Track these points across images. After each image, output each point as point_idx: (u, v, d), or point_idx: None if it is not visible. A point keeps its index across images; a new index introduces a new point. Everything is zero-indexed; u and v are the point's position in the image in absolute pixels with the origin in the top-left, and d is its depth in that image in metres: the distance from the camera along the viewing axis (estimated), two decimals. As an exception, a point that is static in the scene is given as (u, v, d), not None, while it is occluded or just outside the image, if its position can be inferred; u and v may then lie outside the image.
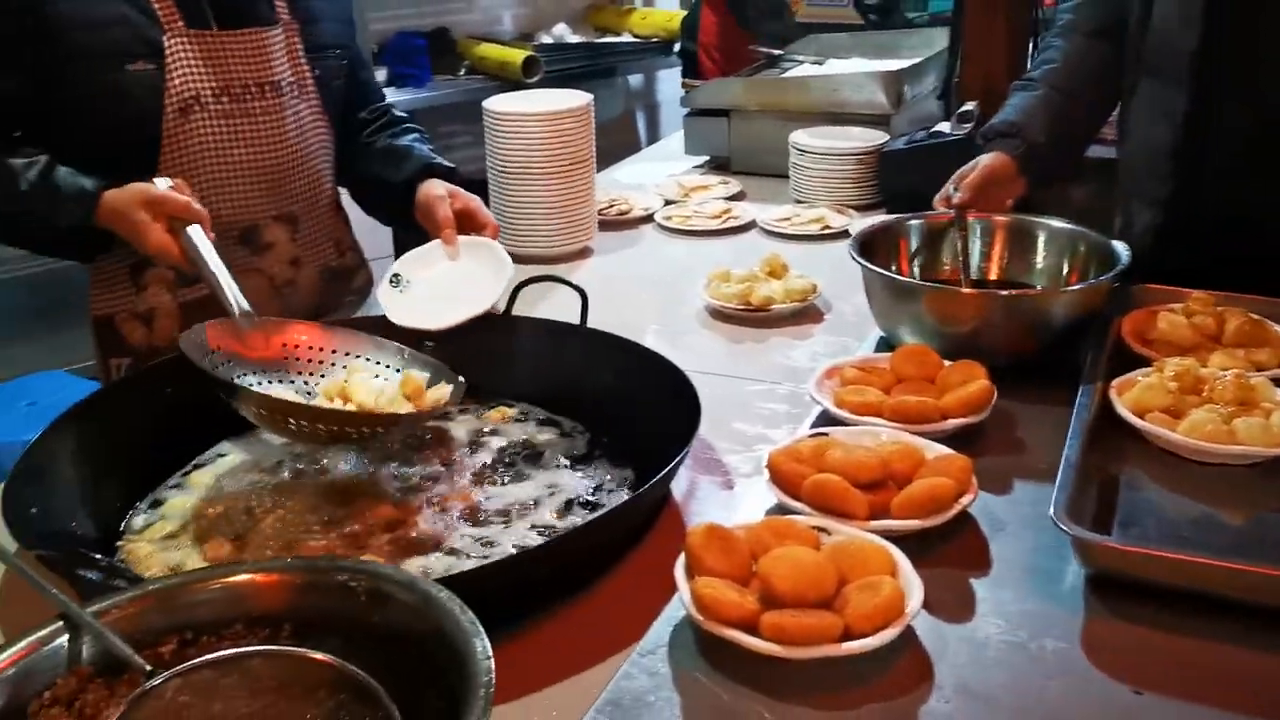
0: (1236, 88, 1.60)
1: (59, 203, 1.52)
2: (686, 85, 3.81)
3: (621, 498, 1.27)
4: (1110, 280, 1.54)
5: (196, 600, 0.89)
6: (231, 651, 0.85)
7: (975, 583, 1.11)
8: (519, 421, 1.47)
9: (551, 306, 1.64)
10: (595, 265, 2.14)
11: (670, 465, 1.19)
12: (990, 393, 1.37)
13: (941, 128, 2.31)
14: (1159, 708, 0.95)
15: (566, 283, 1.54)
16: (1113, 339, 1.51)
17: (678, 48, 4.61)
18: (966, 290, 1.64)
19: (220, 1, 1.64)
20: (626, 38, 4.97)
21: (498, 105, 2.13)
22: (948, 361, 1.44)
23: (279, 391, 1.39)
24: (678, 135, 2.87)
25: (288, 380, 1.42)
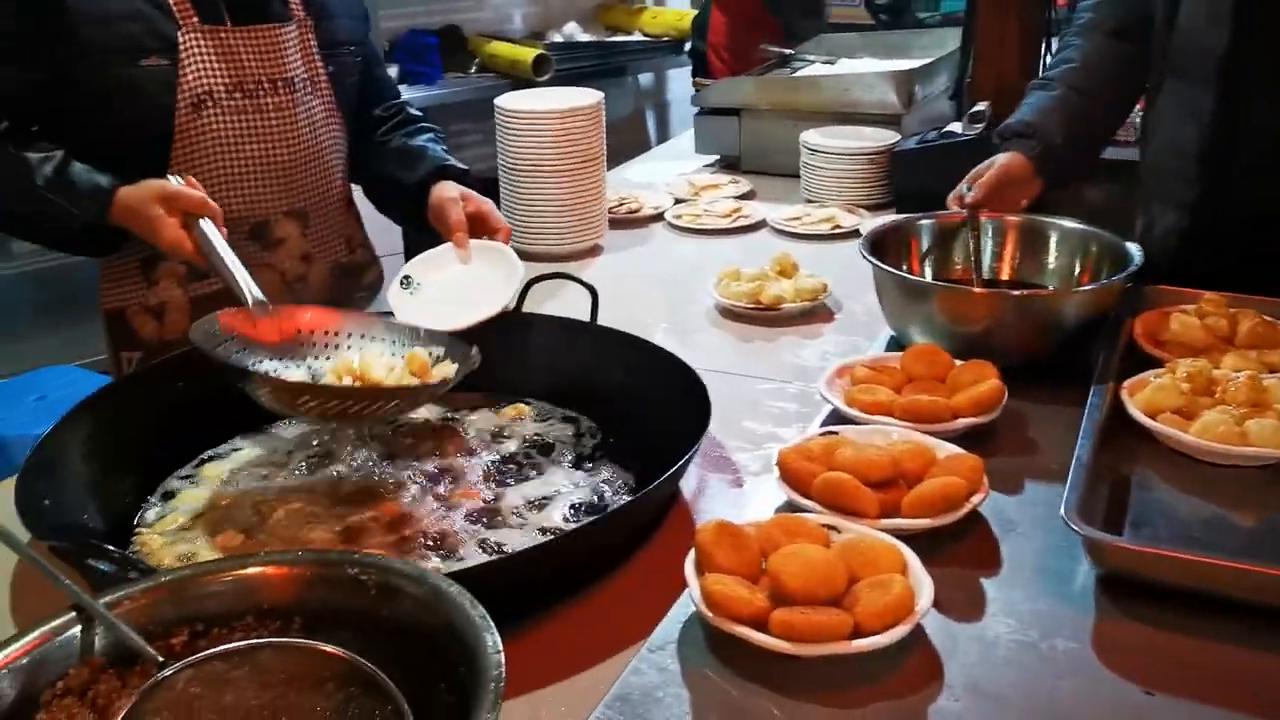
0: (1266, 86, 1.58)
1: (74, 199, 1.53)
2: (697, 84, 3.81)
3: (630, 496, 1.27)
4: (1122, 281, 1.53)
5: (208, 592, 0.89)
6: (242, 643, 0.85)
7: (986, 582, 1.11)
8: (533, 421, 1.46)
9: (561, 304, 1.64)
10: (605, 263, 2.14)
11: (680, 462, 1.19)
12: (1001, 392, 1.36)
13: (953, 128, 2.31)
14: (1170, 708, 0.95)
15: (577, 280, 1.54)
16: (1125, 340, 1.50)
17: (688, 47, 4.61)
18: (978, 290, 1.63)
19: None
20: (637, 36, 4.97)
21: (510, 103, 2.13)
22: (959, 361, 1.44)
23: (292, 374, 1.39)
24: (688, 134, 2.87)
25: (301, 363, 1.42)
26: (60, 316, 3.50)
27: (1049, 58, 2.35)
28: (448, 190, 1.74)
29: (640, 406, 1.39)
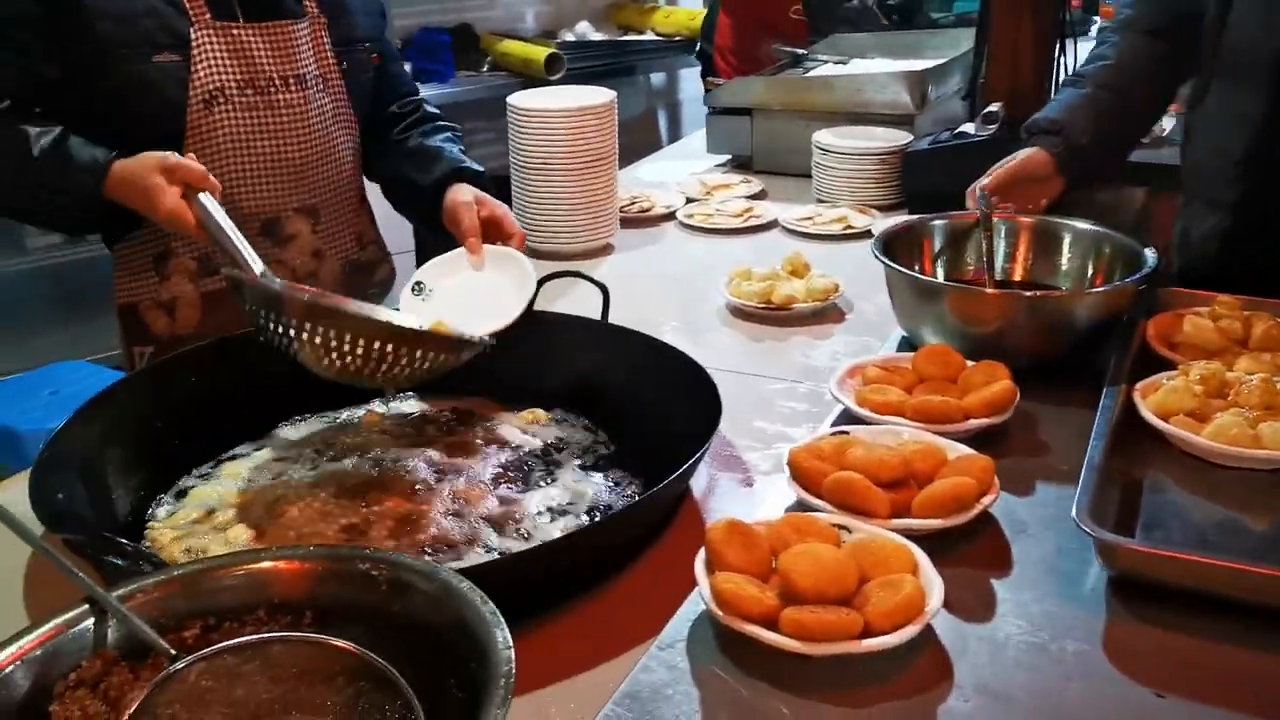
0: None
1: (71, 170, 1.51)
2: (709, 84, 3.80)
3: (640, 494, 1.27)
4: (1135, 282, 1.53)
5: (220, 586, 0.89)
6: (253, 637, 0.85)
7: (996, 583, 1.11)
8: (546, 425, 1.45)
9: (572, 302, 1.65)
10: (616, 262, 2.15)
11: (690, 461, 1.19)
12: (1013, 394, 1.36)
13: (966, 128, 2.30)
14: (1180, 711, 0.94)
15: (588, 278, 1.54)
16: (1138, 341, 1.50)
17: (698, 48, 4.61)
18: (991, 291, 1.63)
19: None
20: (649, 36, 4.98)
21: (522, 101, 2.13)
22: (970, 362, 1.44)
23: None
24: (700, 133, 2.86)
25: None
26: (72, 312, 3.52)
27: (1064, 59, 2.34)
28: (462, 194, 1.72)
29: (651, 405, 1.39)
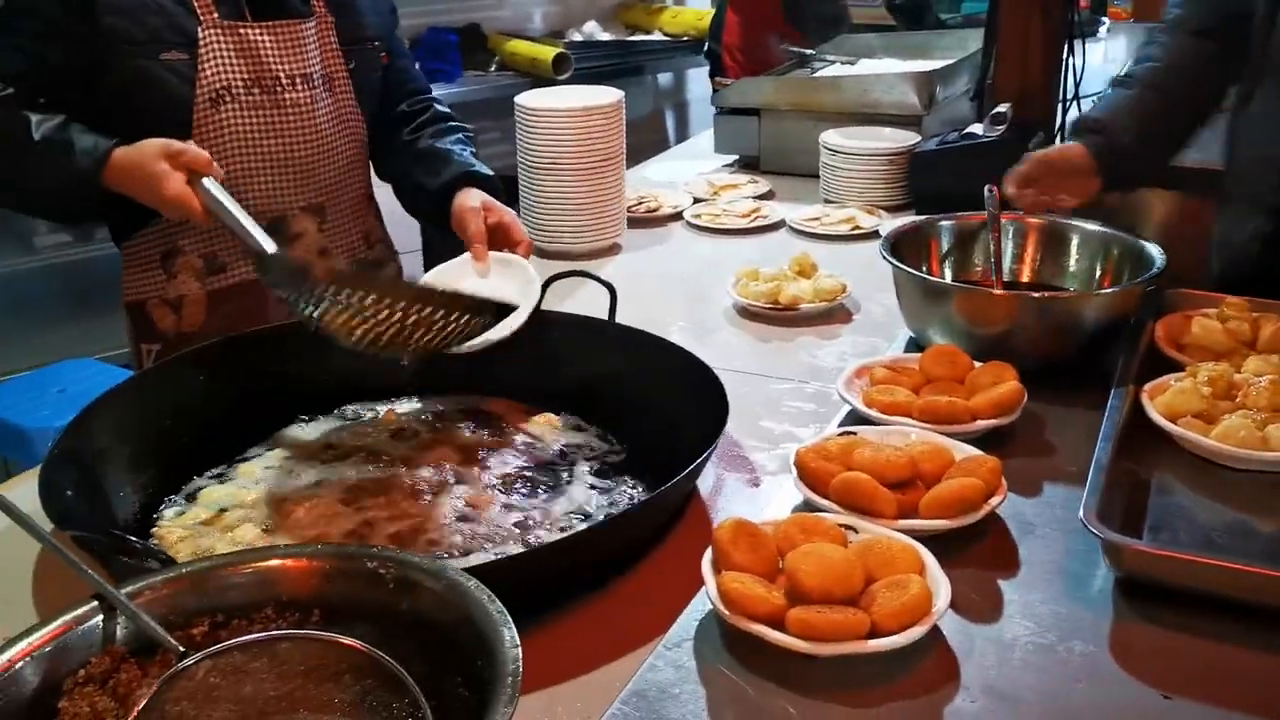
0: None
1: (71, 154, 1.51)
2: (717, 84, 3.81)
3: (647, 494, 1.27)
4: (1143, 284, 1.52)
5: (228, 584, 0.90)
6: (261, 635, 0.86)
7: (1003, 584, 1.10)
8: (556, 428, 1.45)
9: (579, 302, 1.65)
10: (624, 262, 2.15)
11: (697, 461, 1.19)
12: (1020, 394, 1.36)
13: (974, 129, 2.30)
14: (1187, 712, 0.94)
15: (595, 278, 1.54)
16: (1146, 343, 1.50)
17: (706, 48, 4.61)
18: (998, 292, 1.63)
19: None
20: (657, 36, 4.98)
21: (530, 101, 2.13)
22: (978, 363, 1.44)
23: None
24: (707, 134, 2.86)
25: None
26: (81, 310, 3.53)
27: (1072, 60, 2.34)
28: (470, 199, 1.70)
29: (658, 406, 1.39)
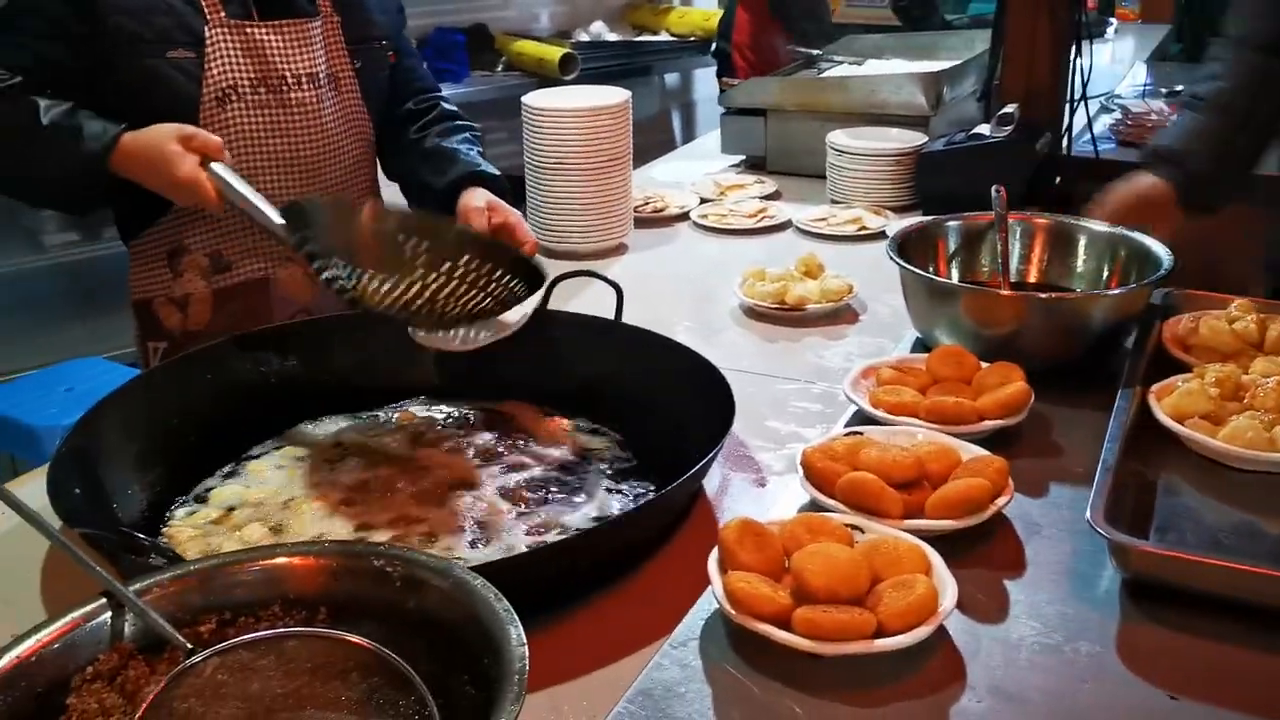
0: None
1: (79, 137, 1.52)
2: (724, 84, 3.81)
3: (653, 494, 1.27)
4: (1151, 285, 1.52)
5: (235, 581, 0.90)
6: (268, 632, 0.86)
7: (1010, 584, 1.10)
8: (569, 434, 1.45)
9: (586, 302, 1.65)
10: (630, 262, 2.15)
11: (703, 460, 1.19)
12: (1027, 395, 1.36)
13: (981, 130, 2.30)
14: (1194, 713, 0.94)
15: (602, 278, 1.54)
16: (1153, 343, 1.49)
17: (714, 48, 4.61)
18: (1005, 292, 1.63)
19: None
20: (664, 36, 4.99)
21: (536, 101, 2.13)
22: (984, 363, 1.43)
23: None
24: (714, 134, 2.86)
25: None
26: (88, 309, 3.54)
27: (1079, 60, 2.34)
28: (475, 199, 1.71)
29: (664, 405, 1.39)
